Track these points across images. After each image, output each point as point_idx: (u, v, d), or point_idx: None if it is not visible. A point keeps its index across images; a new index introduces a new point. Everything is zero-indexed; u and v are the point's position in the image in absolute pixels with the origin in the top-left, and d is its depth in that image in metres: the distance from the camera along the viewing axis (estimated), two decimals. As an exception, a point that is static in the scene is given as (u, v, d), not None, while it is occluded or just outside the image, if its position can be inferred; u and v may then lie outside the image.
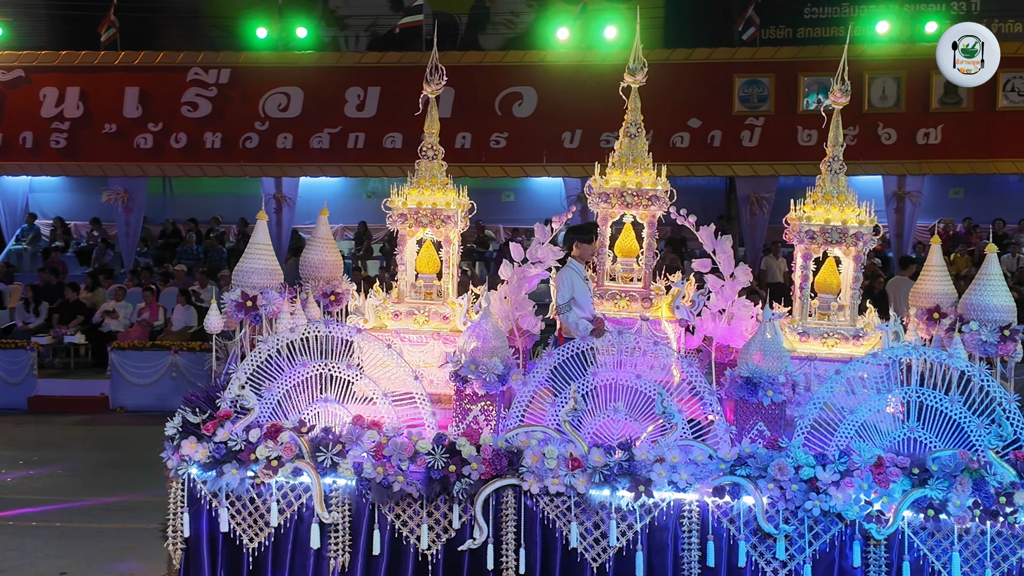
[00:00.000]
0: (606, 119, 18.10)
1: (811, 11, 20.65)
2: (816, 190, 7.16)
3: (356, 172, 19.51)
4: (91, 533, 8.85)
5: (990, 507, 5.68)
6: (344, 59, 19.67)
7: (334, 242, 7.95)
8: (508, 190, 22.30)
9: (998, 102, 17.42)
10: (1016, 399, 5.93)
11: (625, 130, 7.78)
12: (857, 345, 6.85)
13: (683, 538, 5.96)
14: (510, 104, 18.56)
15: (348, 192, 22.37)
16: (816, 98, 17.93)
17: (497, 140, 18.55)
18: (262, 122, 18.81)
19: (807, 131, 17.87)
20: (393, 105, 18.64)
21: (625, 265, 7.64)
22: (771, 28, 20.51)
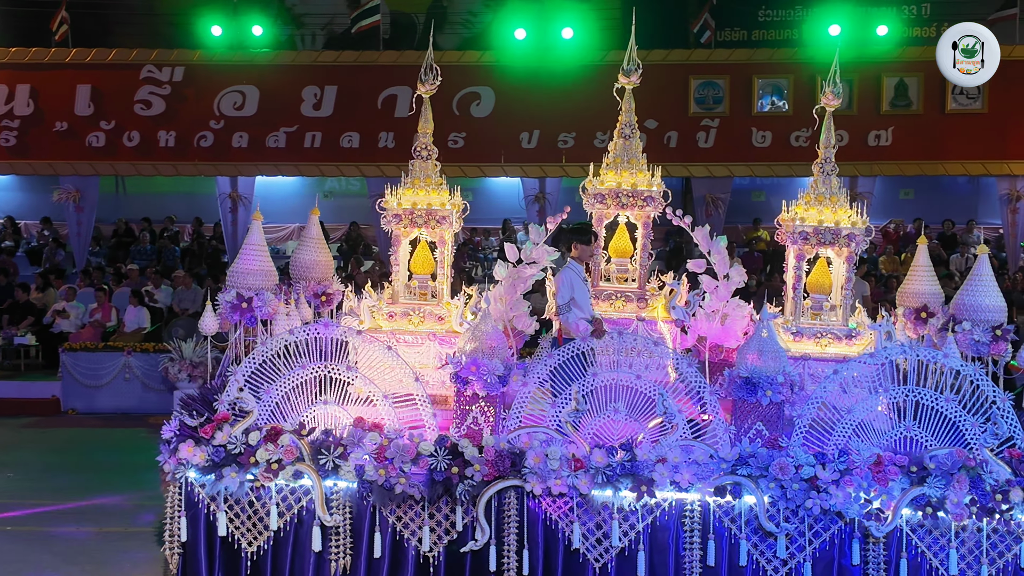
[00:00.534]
0: (564, 119, 18.25)
1: (765, 14, 20.88)
2: (808, 191, 7.24)
3: (313, 171, 19.39)
4: (50, 537, 8.69)
5: (986, 504, 5.79)
6: (300, 58, 19.53)
7: (325, 242, 7.93)
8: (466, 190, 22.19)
9: (947, 105, 17.74)
10: (1010, 397, 6.04)
11: (619, 131, 7.82)
12: (850, 345, 6.97)
13: (685, 537, 6.02)
14: (468, 104, 18.55)
15: (305, 191, 22.20)
16: (770, 99, 18.15)
17: (455, 140, 18.53)
18: (217, 121, 18.62)
19: (761, 132, 18.08)
20: (350, 104, 18.55)
21: (619, 266, 7.71)
22: (726, 30, 20.72)
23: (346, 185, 22.18)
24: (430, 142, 7.46)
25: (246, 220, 19.46)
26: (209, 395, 6.49)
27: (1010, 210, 17.86)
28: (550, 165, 18.42)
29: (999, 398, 5.98)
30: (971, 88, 17.56)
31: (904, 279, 7.81)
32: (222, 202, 19.23)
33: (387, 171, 18.65)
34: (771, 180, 20.02)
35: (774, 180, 19.71)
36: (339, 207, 21.92)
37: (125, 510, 9.17)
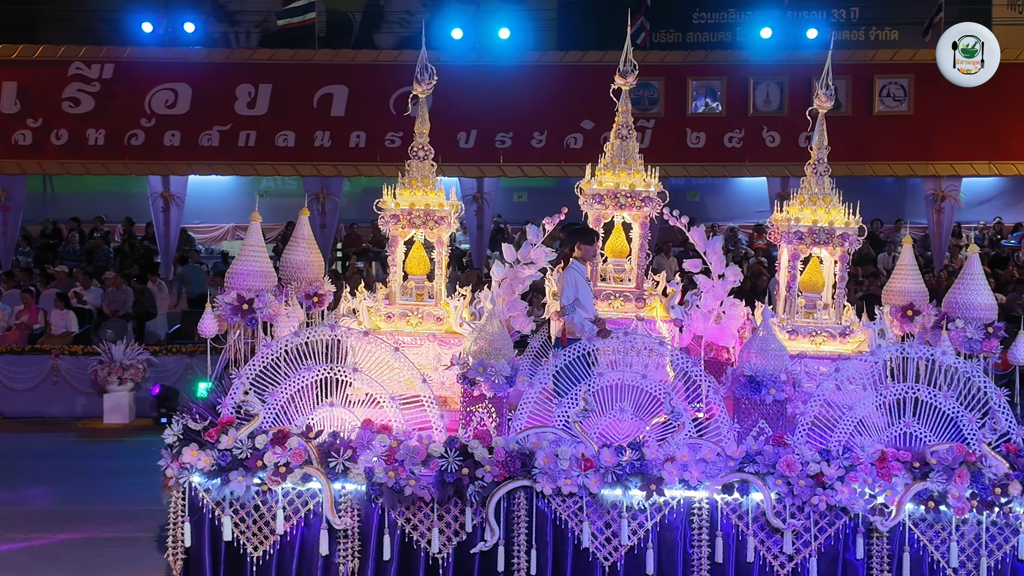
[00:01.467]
0: (501, 119, 18.28)
1: (699, 16, 21.16)
2: (801, 192, 7.38)
3: (247, 171, 19.15)
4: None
5: (986, 498, 5.96)
6: (234, 55, 19.27)
7: (315, 243, 7.83)
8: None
9: (874, 107, 18.15)
10: (1006, 394, 6.21)
11: (616, 132, 7.92)
12: (844, 342, 7.09)
13: (693, 535, 6.08)
14: (405, 103, 18.43)
15: (239, 191, 21.92)
16: (704, 101, 18.40)
17: (392, 139, 18.44)
18: (148, 119, 18.28)
19: (696, 133, 18.32)
20: (285, 103, 18.35)
21: (616, 265, 7.75)
22: (661, 32, 20.95)
23: (282, 185, 21.94)
24: (427, 142, 7.43)
25: (179, 220, 19.15)
26: (214, 398, 6.41)
27: (935, 210, 18.34)
28: (488, 165, 18.45)
29: (995, 394, 6.15)
30: (897, 91, 18.02)
31: (889, 278, 7.95)
32: (154, 202, 18.88)
33: (323, 170, 18.54)
34: (705, 181, 20.31)
35: (708, 180, 20.00)
36: (275, 207, 21.64)
37: (56, 516, 8.95)
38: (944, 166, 18.00)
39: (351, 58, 18.65)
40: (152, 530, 8.06)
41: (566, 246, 7.40)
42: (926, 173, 18.33)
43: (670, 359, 6.38)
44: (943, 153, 17.97)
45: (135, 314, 15.37)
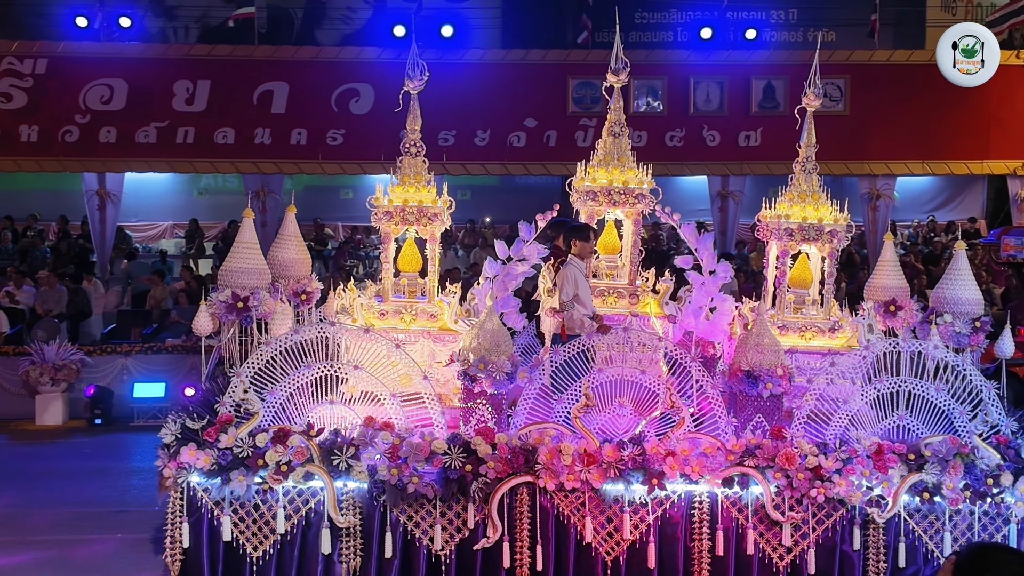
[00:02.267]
0: (444, 118, 18.23)
1: (641, 16, 21.33)
2: (791, 189, 7.46)
3: (186, 168, 18.89)
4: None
5: (979, 488, 6.07)
6: (171, 51, 18.97)
7: (302, 240, 7.77)
8: (346, 187, 22.06)
9: (812, 107, 18.48)
10: (996, 387, 6.34)
11: (609, 129, 7.94)
12: (833, 337, 7.19)
13: (694, 528, 6.11)
14: (347, 101, 18.36)
15: (178, 189, 21.60)
16: (645, 100, 18.55)
17: (334, 137, 18.33)
18: (83, 115, 17.93)
19: (637, 132, 18.44)
20: (224, 99, 18.13)
21: (608, 262, 7.78)
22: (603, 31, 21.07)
23: (222, 183, 21.66)
24: (419, 139, 7.39)
25: (115, 218, 18.82)
26: (210, 397, 6.29)
27: (871, 208, 18.73)
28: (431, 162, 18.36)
29: (985, 387, 6.27)
30: (833, 91, 18.35)
31: (872, 274, 8.07)
32: (89, 199, 18.53)
33: (264, 168, 18.35)
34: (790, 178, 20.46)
35: (651, 179, 20.08)
36: (215, 205, 21.41)
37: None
38: (879, 165, 18.39)
39: (292, 54, 18.49)
40: (87, 531, 7.95)
41: (564, 242, 7.40)
42: (862, 172, 18.71)
43: (667, 355, 6.38)
44: (878, 152, 18.36)
45: (69, 314, 15.06)
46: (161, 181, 20.72)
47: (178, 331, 13.59)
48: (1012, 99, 18.15)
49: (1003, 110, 18.25)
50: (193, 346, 12.91)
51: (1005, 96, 18.13)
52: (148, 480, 9.86)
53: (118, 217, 19.03)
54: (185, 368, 12.75)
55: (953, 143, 18.35)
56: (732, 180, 19.16)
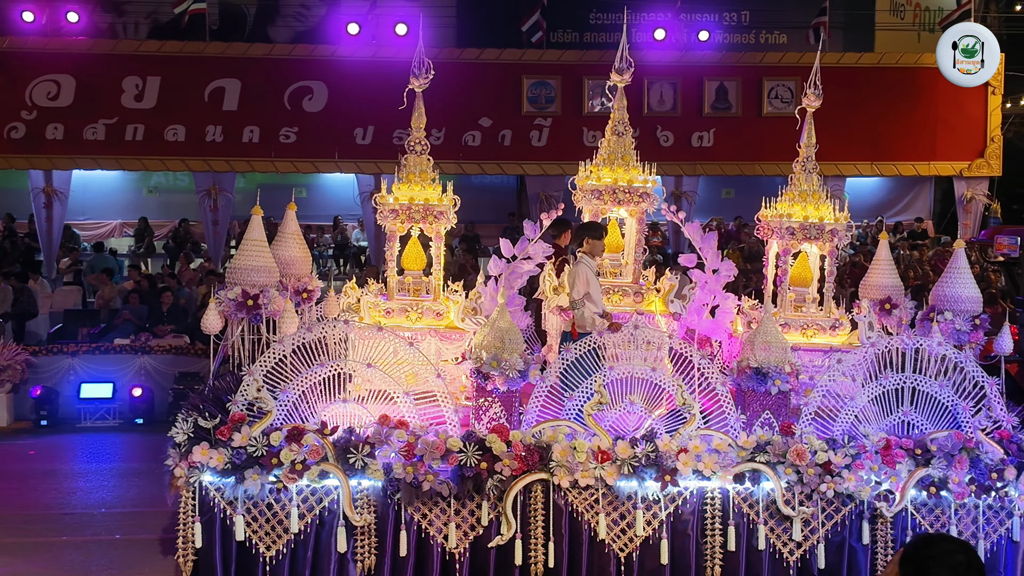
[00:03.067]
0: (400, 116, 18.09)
1: (596, 17, 21.42)
2: (791, 188, 7.52)
3: (135, 165, 18.63)
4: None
5: (984, 483, 6.17)
6: (120, 46, 18.70)
7: (303, 238, 7.70)
8: (299, 186, 21.87)
9: (763, 108, 18.71)
10: (997, 383, 6.44)
11: (612, 128, 7.97)
12: (834, 335, 7.30)
13: (706, 524, 6.13)
14: (300, 98, 18.22)
15: (127, 187, 21.28)
16: (600, 100, 18.62)
17: (287, 135, 18.18)
18: (29, 111, 17.63)
19: (592, 132, 18.54)
20: (175, 96, 17.91)
21: (612, 260, 7.79)
22: (558, 32, 21.15)
23: (173, 181, 21.38)
24: (423, 137, 7.32)
25: (62, 216, 18.51)
26: (222, 395, 6.19)
27: (821, 208, 19.00)
28: (385, 161, 18.32)
29: (987, 383, 6.36)
30: (784, 92, 18.58)
31: (867, 273, 8.15)
32: (35, 197, 18.20)
33: (215, 166, 18.15)
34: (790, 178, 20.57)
35: (604, 179, 20.15)
36: (165, 203, 21.14)
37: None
38: (829, 166, 18.59)
39: (244, 51, 18.31)
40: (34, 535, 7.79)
41: (575, 240, 7.38)
42: (812, 173, 18.93)
43: (677, 352, 6.40)
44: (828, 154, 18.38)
45: (14, 313, 14.74)
46: (110, 179, 20.41)
47: (127, 331, 13.38)
48: (958, 102, 18.51)
49: (949, 113, 18.61)
50: (142, 346, 12.73)
51: (951, 99, 18.50)
52: (95, 482, 9.72)
53: (65, 215, 18.71)
54: (133, 368, 12.58)
55: (901, 145, 18.68)
56: (685, 180, 19.32)
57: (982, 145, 18.60)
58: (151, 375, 12.63)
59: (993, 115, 18.47)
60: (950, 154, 18.79)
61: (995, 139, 18.53)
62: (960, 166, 18.77)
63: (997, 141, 18.57)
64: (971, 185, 18.84)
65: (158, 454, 10.68)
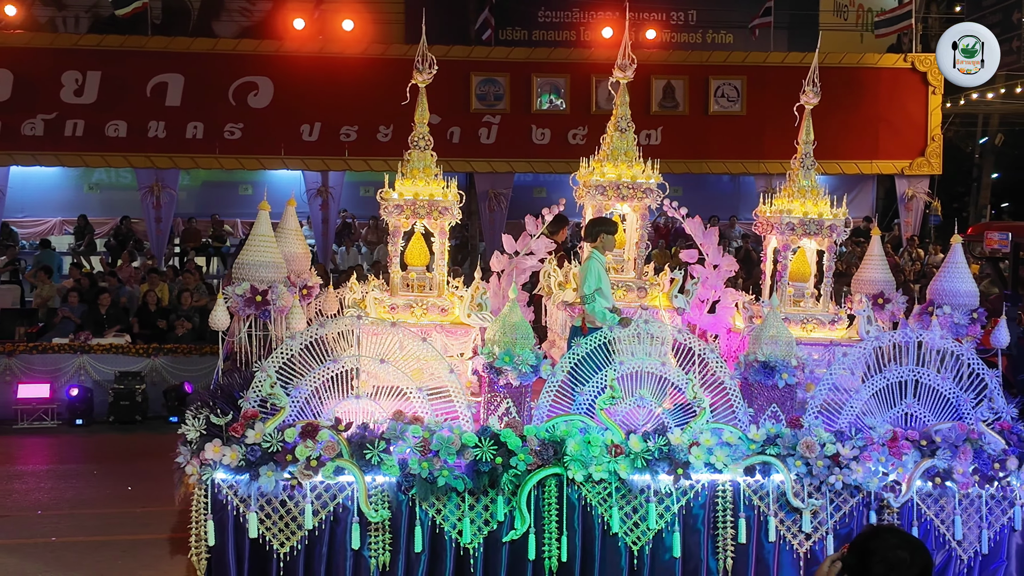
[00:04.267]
0: (346, 112, 18.02)
1: (544, 15, 21.43)
2: (789, 185, 7.59)
3: (75, 162, 18.24)
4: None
5: (987, 473, 6.30)
6: (60, 40, 18.26)
7: (302, 234, 7.64)
8: (245, 183, 21.59)
9: (710, 107, 18.86)
10: (997, 375, 6.55)
11: (615, 124, 8.01)
12: (833, 329, 7.40)
13: (718, 517, 6.19)
14: (245, 94, 17.97)
15: (67, 183, 20.81)
16: (548, 98, 18.64)
17: (231, 131, 17.92)
18: (-36, 106, 17.14)
19: (541, 130, 18.56)
20: (116, 91, 17.56)
21: (615, 256, 7.80)
22: (507, 29, 21.11)
23: (115, 177, 20.96)
24: (427, 132, 7.37)
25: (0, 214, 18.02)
26: (234, 392, 6.10)
27: (767, 206, 19.22)
28: (332, 158, 18.17)
29: (988, 376, 6.48)
30: (731, 91, 18.75)
31: (859, 268, 8.25)
32: (-28, 194, 17.71)
33: (158, 162, 17.85)
34: (551, 176, 20.58)
35: (554, 176, 20.26)
36: (107, 200, 20.73)
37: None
38: (774, 164, 18.85)
39: (187, 46, 18.01)
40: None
41: (588, 236, 7.38)
42: (758, 171, 19.18)
43: (682, 346, 6.45)
44: (774, 152, 18.80)
45: (-50, 313, 14.34)
46: (49, 175, 19.95)
47: (66, 330, 13.10)
48: (900, 101, 18.83)
49: (891, 112, 18.92)
50: (81, 346, 12.46)
51: (893, 99, 18.81)
52: (31, 484, 9.49)
53: (3, 212, 18.26)
54: (72, 368, 12.32)
55: (844, 144, 18.93)
56: (572, 179, 19.36)
57: (923, 144, 18.94)
58: (91, 375, 12.37)
59: (933, 115, 18.81)
60: (892, 153, 19.10)
61: (935, 138, 18.88)
62: (902, 165, 19.09)
63: (937, 140, 18.93)
64: (912, 183, 19.17)
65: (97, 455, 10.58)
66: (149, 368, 12.50)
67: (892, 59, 18.99)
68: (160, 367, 12.53)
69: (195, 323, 13.95)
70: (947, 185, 20.71)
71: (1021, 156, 25.27)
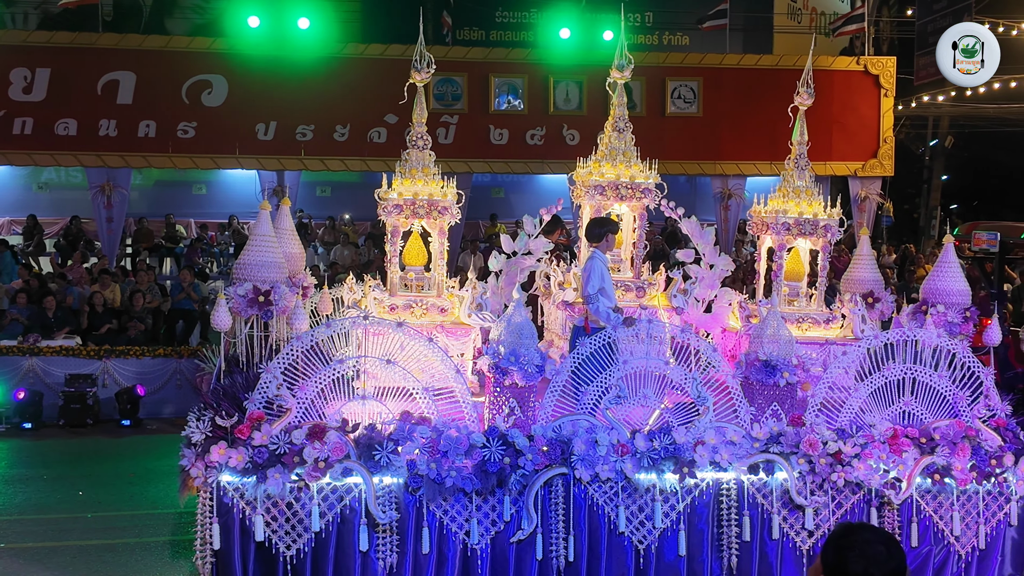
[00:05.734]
0: (302, 111, 17.86)
1: (502, 15, 21.41)
2: (784, 185, 7.65)
3: (24, 160, 17.89)
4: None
5: (985, 469, 6.40)
6: (8, 37, 17.90)
7: (296, 234, 7.58)
8: (199, 182, 21.31)
9: (667, 108, 18.95)
10: (991, 372, 6.65)
11: (613, 124, 7.98)
12: (827, 328, 7.47)
13: (724, 515, 6.23)
14: (198, 92, 17.73)
15: (15, 183, 20.42)
16: (506, 98, 18.61)
17: (185, 130, 17.67)
18: (-91, 103, 16.72)
19: (499, 130, 18.53)
20: (66, 89, 17.22)
21: (613, 256, 7.78)
22: (464, 29, 21.06)
23: (65, 177, 20.59)
24: (425, 131, 7.26)
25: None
26: (239, 393, 6.03)
27: (722, 207, 19.36)
28: (288, 158, 17.98)
29: (983, 374, 6.57)
30: (687, 93, 18.86)
31: (849, 267, 8.32)
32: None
33: (109, 161, 17.56)
34: (510, 177, 20.57)
35: (512, 177, 20.26)
36: (57, 200, 20.36)
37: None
38: (730, 165, 19.01)
39: (139, 43, 17.72)
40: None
41: (592, 237, 7.38)
42: (714, 172, 19.31)
43: (680, 345, 6.48)
44: (729, 153, 18.99)
45: None
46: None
47: (14, 331, 12.82)
48: (853, 104, 19.06)
49: (844, 114, 19.14)
50: (30, 348, 12.21)
51: (846, 101, 19.03)
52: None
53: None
54: (19, 371, 12.07)
55: (799, 145, 19.12)
56: (569, 179, 19.40)
57: (875, 146, 19.20)
58: (40, 378, 12.12)
59: (885, 117, 19.08)
60: (845, 154, 19.32)
61: (887, 140, 19.15)
62: (855, 166, 19.33)
63: (889, 142, 19.20)
64: (865, 185, 19.42)
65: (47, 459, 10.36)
66: (101, 370, 12.28)
67: (845, 62, 19.23)
68: (112, 369, 12.31)
69: (148, 324, 13.73)
70: (898, 187, 21.01)
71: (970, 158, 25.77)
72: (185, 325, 14.34)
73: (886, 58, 19.34)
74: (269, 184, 18.42)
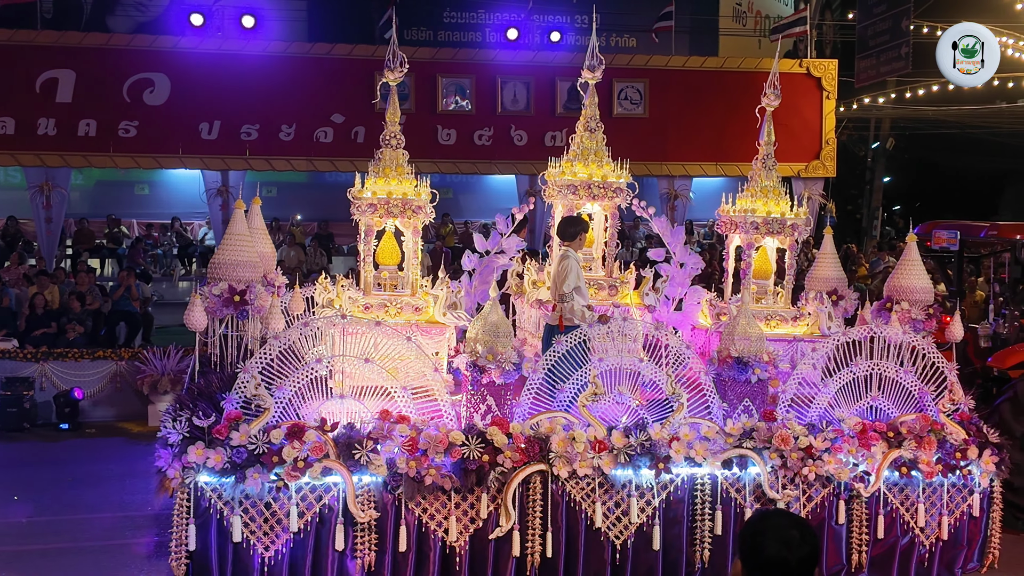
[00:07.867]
0: (247, 111, 17.64)
1: (449, 15, 21.36)
2: (751, 185, 7.74)
3: (-40, 160, 17.40)
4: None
5: (950, 462, 6.54)
6: (-60, 33, 17.42)
7: (268, 234, 7.58)
8: (142, 183, 20.95)
9: (614, 109, 19.06)
10: (956, 367, 6.80)
11: (584, 124, 8.08)
12: (795, 325, 7.57)
13: (696, 510, 6.31)
14: (140, 91, 17.43)
15: (-47, 183, 19.88)
16: (454, 99, 18.58)
17: (126, 129, 17.36)
18: None
19: (446, 130, 18.48)
20: (3, 87, 16.86)
21: (585, 255, 7.83)
22: (412, 29, 20.97)
23: (3, 176, 20.13)
24: (399, 131, 7.31)
25: None
26: (216, 393, 6.01)
27: (669, 208, 19.52)
28: (233, 158, 17.75)
29: (947, 369, 6.71)
30: (634, 94, 19.00)
31: (813, 266, 8.41)
32: None
33: (48, 160, 17.23)
34: (458, 178, 20.52)
35: (461, 178, 20.21)
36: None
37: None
38: (676, 166, 19.17)
39: (79, 41, 17.39)
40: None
41: (565, 236, 7.41)
42: (660, 173, 19.44)
43: (652, 342, 6.54)
44: (675, 154, 19.15)
45: None
46: (-68, 174, 19.03)
47: (-46, 333, 12.51)
48: (796, 106, 19.31)
49: (788, 116, 19.34)
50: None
51: (789, 103, 19.13)
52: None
53: None
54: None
55: (743, 146, 19.30)
56: (542, 178, 19.47)
57: (818, 148, 19.49)
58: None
59: (828, 119, 19.38)
60: (788, 156, 19.53)
61: (829, 142, 19.45)
62: (798, 167, 19.60)
63: (831, 144, 19.49)
64: (808, 186, 19.70)
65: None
66: (38, 373, 12.02)
67: (788, 64, 19.49)
68: (50, 372, 12.06)
69: (88, 327, 13.48)
70: (841, 188, 21.37)
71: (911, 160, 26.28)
72: (128, 327, 14.09)
73: (828, 61, 19.65)
74: (213, 184, 18.18)
